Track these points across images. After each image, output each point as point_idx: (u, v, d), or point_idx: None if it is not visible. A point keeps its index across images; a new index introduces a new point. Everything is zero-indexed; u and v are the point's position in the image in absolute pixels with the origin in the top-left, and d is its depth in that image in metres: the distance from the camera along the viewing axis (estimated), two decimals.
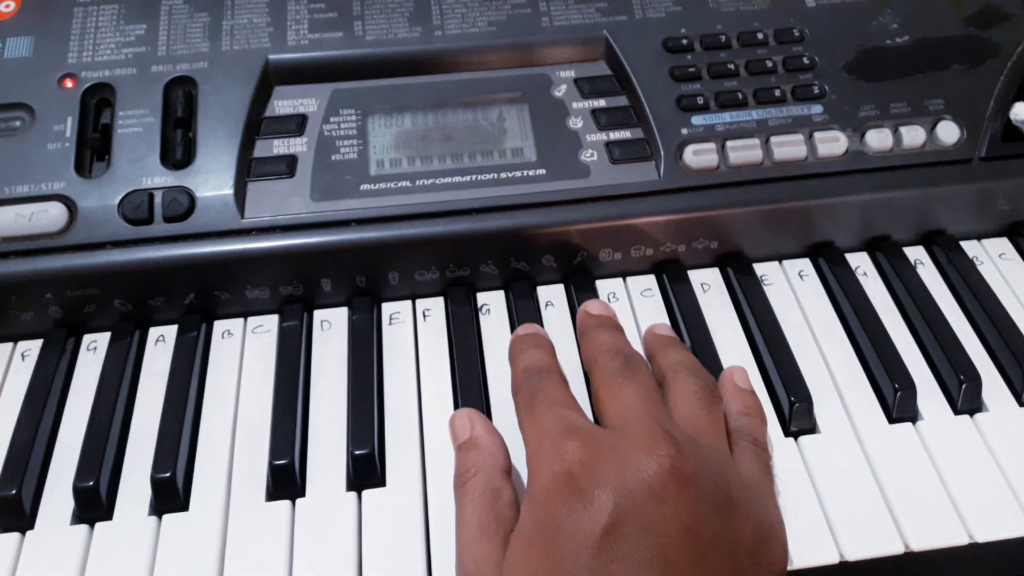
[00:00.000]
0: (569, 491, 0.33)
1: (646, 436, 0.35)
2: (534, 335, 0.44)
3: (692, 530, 0.32)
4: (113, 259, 0.47)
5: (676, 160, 0.50)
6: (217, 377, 0.47)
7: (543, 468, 0.35)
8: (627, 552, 0.32)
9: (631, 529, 0.32)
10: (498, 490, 0.37)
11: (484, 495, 0.37)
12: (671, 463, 0.33)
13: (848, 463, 0.42)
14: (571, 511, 0.33)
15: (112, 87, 0.50)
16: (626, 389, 0.38)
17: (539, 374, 0.40)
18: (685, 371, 0.41)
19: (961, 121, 0.51)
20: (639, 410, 0.37)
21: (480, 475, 0.38)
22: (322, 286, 0.49)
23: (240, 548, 0.40)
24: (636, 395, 0.38)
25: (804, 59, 0.53)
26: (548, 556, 0.33)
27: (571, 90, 0.52)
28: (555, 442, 0.35)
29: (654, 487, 0.33)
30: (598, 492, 0.33)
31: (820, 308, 0.50)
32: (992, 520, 0.40)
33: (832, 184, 0.50)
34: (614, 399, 0.38)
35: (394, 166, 0.49)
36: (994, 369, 0.47)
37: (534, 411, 0.38)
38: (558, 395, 0.39)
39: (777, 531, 0.36)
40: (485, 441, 0.40)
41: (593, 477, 0.34)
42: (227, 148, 0.49)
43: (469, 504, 0.37)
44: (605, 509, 0.33)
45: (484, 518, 0.36)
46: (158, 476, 0.41)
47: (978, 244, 0.53)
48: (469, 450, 0.40)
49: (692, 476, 0.34)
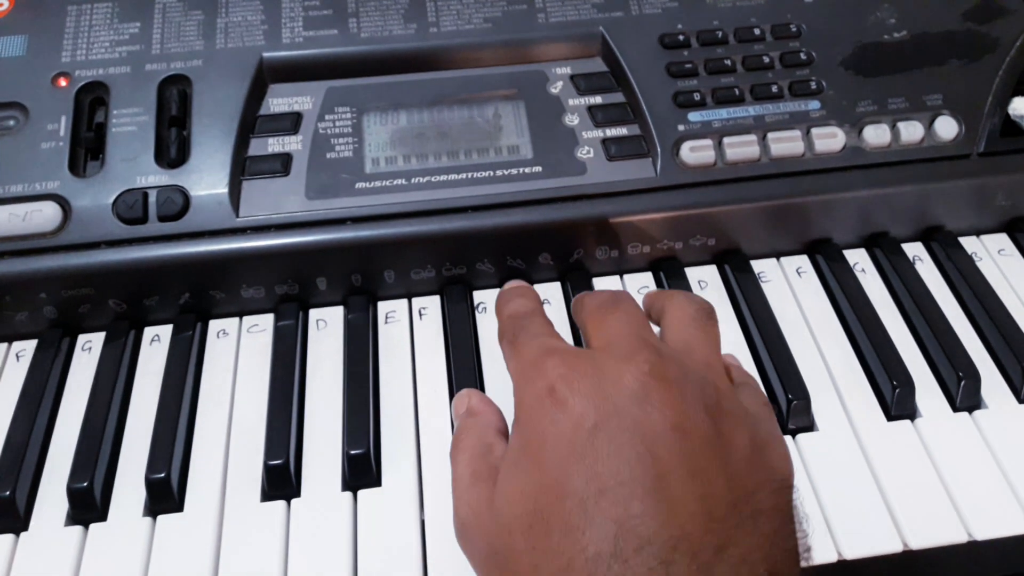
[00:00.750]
0: (551, 403, 0.33)
1: (626, 347, 0.34)
2: (519, 287, 0.44)
3: (679, 428, 0.31)
4: (107, 259, 0.47)
5: (673, 157, 0.49)
6: (212, 377, 0.47)
7: (525, 390, 0.35)
8: (612, 451, 0.31)
9: (615, 429, 0.31)
10: (490, 444, 0.37)
11: (476, 449, 0.37)
12: (650, 367, 0.33)
13: (846, 461, 0.42)
14: (553, 423, 0.33)
15: (106, 86, 0.50)
16: (610, 316, 0.37)
17: (523, 316, 0.40)
18: (680, 297, 0.40)
19: (959, 116, 0.51)
20: (623, 331, 0.36)
21: (473, 432, 0.38)
22: (318, 285, 0.49)
23: (235, 549, 0.40)
24: (620, 319, 0.37)
25: (801, 55, 0.52)
26: (535, 469, 0.32)
27: (567, 87, 0.52)
28: (535, 364, 0.35)
29: (635, 390, 0.32)
30: (579, 399, 0.32)
31: (818, 305, 0.49)
32: (991, 518, 0.40)
33: (830, 180, 0.50)
34: (599, 327, 0.37)
35: (389, 164, 0.49)
36: (993, 366, 0.46)
37: (517, 346, 0.38)
38: (541, 329, 0.38)
39: (776, 442, 0.35)
40: (480, 407, 0.40)
41: (572, 387, 0.33)
42: (221, 146, 0.49)
43: (462, 460, 0.37)
44: (587, 414, 0.32)
45: (476, 467, 0.36)
46: (153, 477, 0.41)
47: (977, 240, 0.53)
48: (466, 418, 0.40)
49: (676, 379, 0.33)
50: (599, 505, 0.30)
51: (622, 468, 0.31)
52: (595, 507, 0.30)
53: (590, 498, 0.30)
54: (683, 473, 0.31)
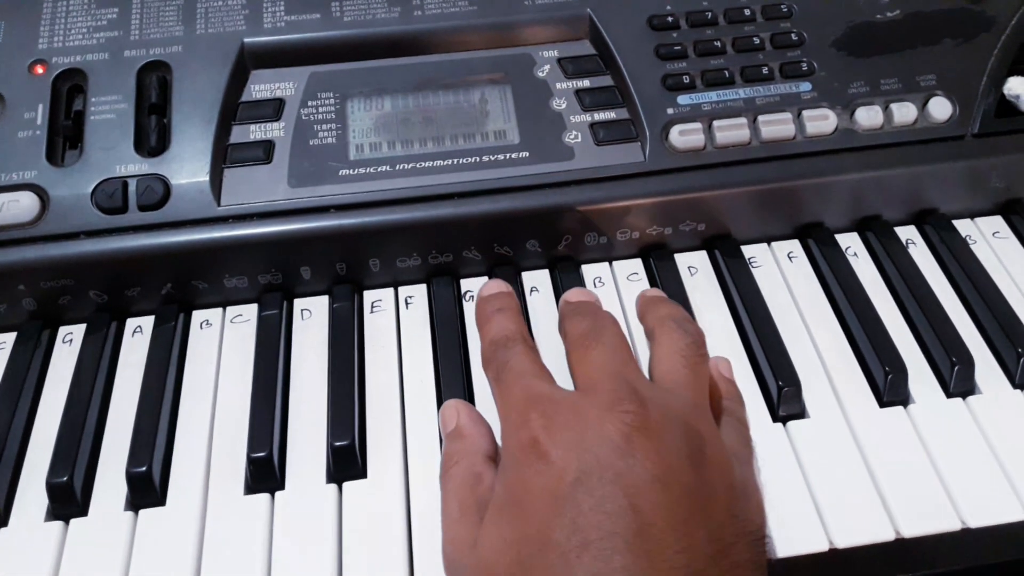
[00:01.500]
0: (535, 456, 0.33)
1: (608, 393, 0.34)
2: (497, 296, 0.44)
3: (661, 480, 0.32)
4: (87, 249, 0.46)
5: (662, 141, 0.49)
6: (195, 368, 0.46)
7: (510, 438, 0.35)
8: (594, 504, 0.31)
9: (596, 483, 0.32)
10: (479, 475, 0.37)
11: (465, 480, 0.37)
12: (632, 417, 0.33)
13: (838, 448, 0.42)
14: (537, 474, 0.33)
15: (84, 73, 0.49)
16: (592, 351, 0.37)
17: (505, 346, 0.40)
18: (673, 324, 0.40)
19: (953, 97, 0.50)
20: (606, 369, 0.36)
21: (462, 462, 0.38)
22: (301, 274, 0.48)
23: (218, 543, 0.39)
24: (603, 355, 0.37)
25: (792, 35, 0.51)
26: (519, 519, 0.33)
27: (554, 70, 0.51)
28: (520, 412, 0.35)
29: (617, 442, 0.32)
30: (561, 452, 0.33)
31: (809, 290, 0.49)
32: (985, 505, 0.39)
33: (821, 163, 0.49)
34: (582, 362, 0.38)
35: (374, 150, 0.48)
36: (988, 350, 0.46)
37: (502, 385, 0.38)
38: (523, 366, 0.39)
39: (753, 489, 0.36)
40: (469, 430, 0.40)
41: (555, 439, 0.33)
42: (202, 134, 0.48)
43: (451, 490, 0.37)
44: (569, 466, 0.32)
45: (464, 501, 0.36)
46: (134, 470, 0.40)
47: (971, 223, 0.52)
48: (454, 440, 0.40)
49: (658, 429, 0.33)
50: (581, 559, 0.30)
51: (604, 521, 0.31)
52: (577, 560, 0.30)
53: (572, 551, 0.31)
54: (664, 526, 0.31)
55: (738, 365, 0.45)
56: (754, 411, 0.43)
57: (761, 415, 0.43)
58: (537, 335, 0.47)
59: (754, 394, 0.44)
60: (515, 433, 0.35)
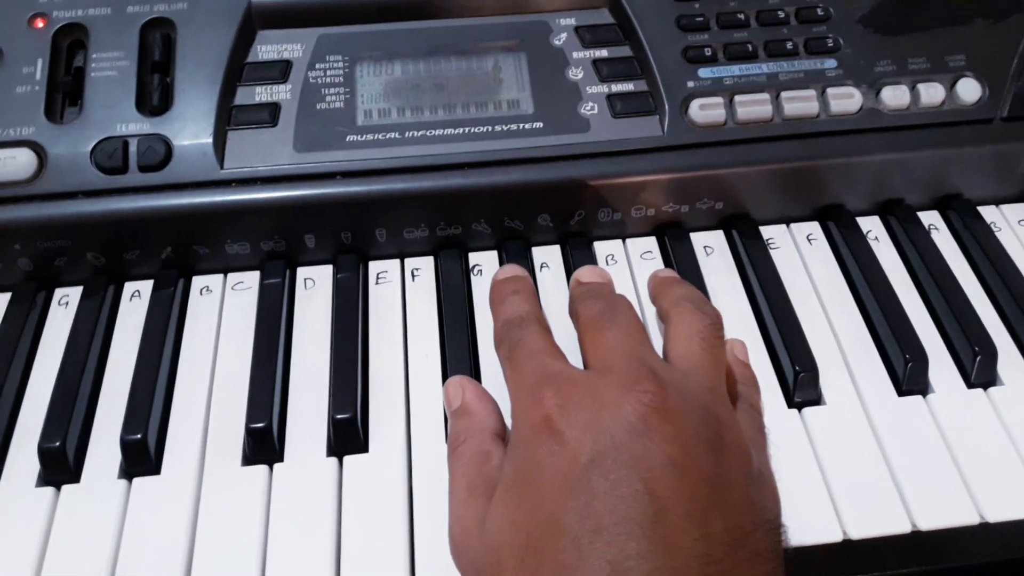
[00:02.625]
0: (548, 435, 0.32)
1: (625, 374, 0.33)
2: (513, 279, 0.43)
3: (678, 464, 0.30)
4: (85, 209, 0.45)
5: (681, 115, 0.47)
6: (194, 335, 0.45)
7: (522, 417, 0.34)
8: (608, 487, 0.30)
9: (612, 465, 0.30)
10: (487, 453, 0.36)
11: (473, 459, 0.36)
12: (651, 398, 0.32)
13: (854, 437, 0.40)
14: (549, 454, 0.32)
15: (85, 28, 0.48)
16: (608, 332, 0.36)
17: (519, 325, 0.39)
18: (689, 305, 0.39)
19: (983, 79, 0.48)
20: (621, 351, 0.35)
21: (470, 440, 0.37)
22: (305, 242, 0.47)
23: (214, 514, 0.38)
24: (617, 336, 0.36)
25: (818, 10, 0.50)
26: (530, 501, 0.32)
27: (571, 39, 0.49)
28: (532, 390, 0.34)
29: (633, 423, 0.31)
30: (576, 432, 0.32)
31: (828, 274, 0.47)
32: (1005, 499, 0.38)
33: (844, 143, 0.47)
34: (596, 343, 0.37)
35: (383, 116, 0.47)
36: (1011, 341, 0.44)
37: (514, 363, 0.37)
38: (537, 344, 0.38)
39: (769, 477, 0.35)
40: (475, 407, 0.39)
41: (570, 419, 0.32)
42: (206, 94, 0.46)
43: (459, 469, 0.36)
44: (584, 447, 0.31)
45: (472, 480, 0.35)
46: (128, 438, 0.39)
47: (996, 210, 0.51)
48: (460, 417, 0.39)
49: (676, 411, 0.32)
50: (594, 544, 0.29)
51: (619, 506, 0.30)
52: (589, 546, 0.29)
53: (585, 536, 0.29)
54: (681, 512, 0.30)
55: (753, 349, 0.43)
56: (769, 396, 0.42)
57: (776, 401, 0.42)
58: (547, 312, 0.45)
59: (769, 379, 0.43)
60: (527, 411, 0.34)
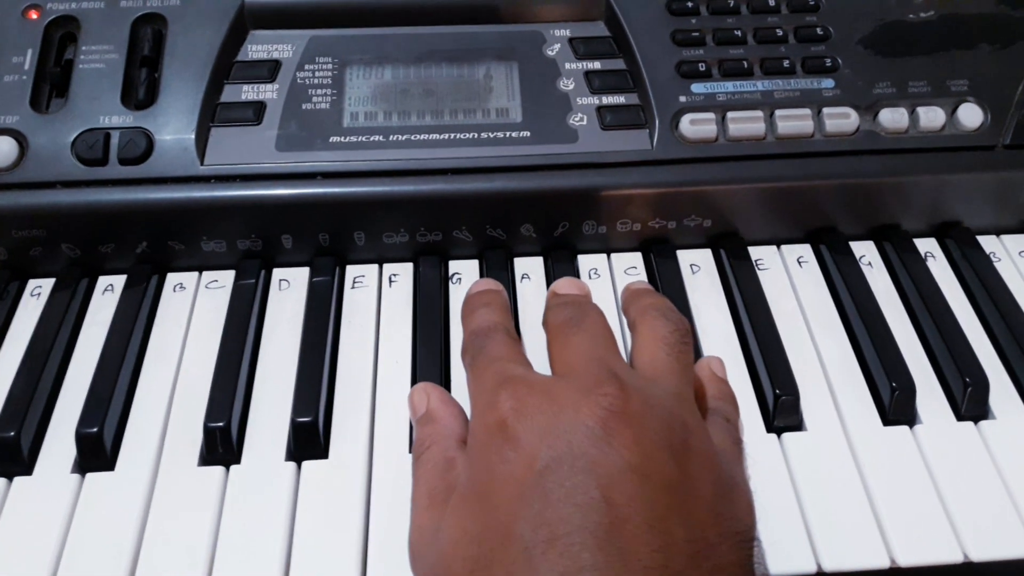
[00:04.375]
0: (502, 440, 0.31)
1: (586, 377, 0.32)
2: (485, 292, 0.42)
3: (638, 470, 0.29)
4: (62, 200, 0.44)
5: (671, 129, 0.46)
6: (163, 332, 0.44)
7: (478, 421, 0.33)
8: (563, 495, 0.28)
9: (567, 472, 0.29)
10: (451, 460, 0.35)
11: (436, 466, 0.35)
12: (611, 401, 0.30)
13: (835, 465, 0.39)
14: (503, 461, 0.30)
15: (78, 20, 0.48)
16: (573, 337, 0.35)
17: (485, 334, 0.38)
18: (655, 312, 0.38)
19: (985, 104, 0.47)
20: (585, 355, 0.34)
21: (433, 447, 0.36)
22: (283, 243, 0.46)
23: (166, 513, 0.37)
24: (583, 341, 0.35)
25: (818, 29, 0.49)
26: (482, 509, 0.30)
27: (565, 50, 0.49)
28: (489, 394, 0.33)
29: (592, 427, 0.30)
30: (531, 437, 0.30)
31: (817, 297, 0.46)
32: (991, 537, 0.36)
33: (839, 164, 0.46)
34: (562, 349, 0.36)
35: (369, 119, 0.46)
36: (1004, 374, 0.43)
37: (475, 368, 0.36)
38: (500, 351, 0.36)
39: (742, 488, 0.33)
40: (440, 413, 0.37)
41: (526, 423, 0.31)
42: (192, 90, 0.46)
43: (421, 476, 0.35)
44: (539, 453, 0.30)
45: (433, 487, 0.34)
46: (83, 431, 0.38)
47: (996, 240, 0.49)
48: (425, 424, 0.37)
49: (638, 415, 0.30)
50: (546, 555, 0.28)
51: (573, 515, 0.28)
52: (541, 557, 0.28)
53: (537, 547, 0.28)
54: (640, 522, 0.28)
55: (735, 371, 0.42)
56: (749, 420, 0.40)
57: (755, 424, 0.40)
58: (525, 324, 0.44)
59: (749, 402, 0.41)
60: (483, 415, 0.33)
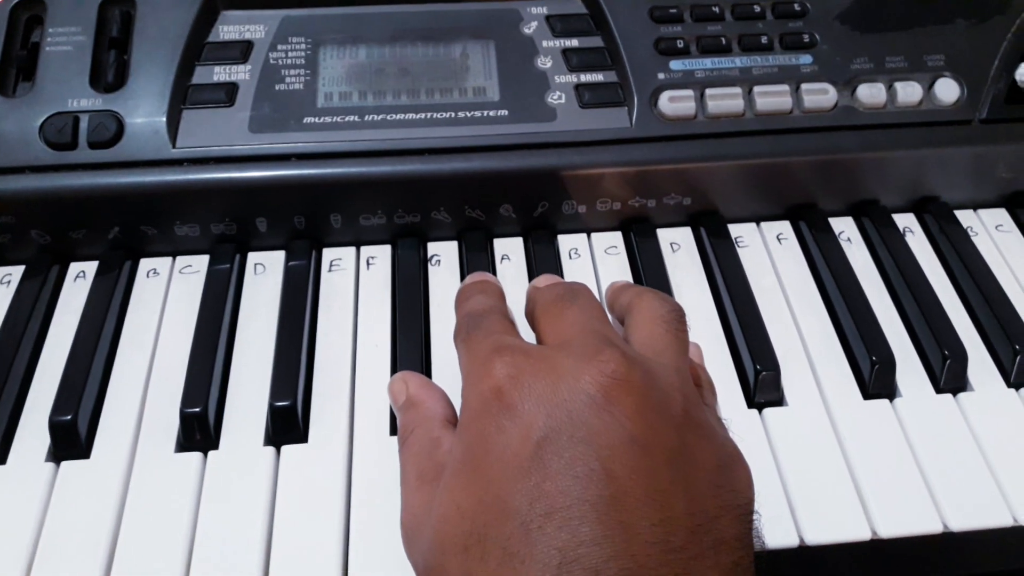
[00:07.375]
0: (497, 408, 0.30)
1: (584, 346, 0.31)
2: (481, 282, 0.41)
3: (640, 442, 0.28)
4: (31, 185, 0.43)
5: (650, 107, 0.46)
6: (137, 318, 0.43)
7: (471, 391, 0.32)
8: (562, 467, 0.28)
9: (567, 442, 0.28)
10: (437, 439, 0.34)
11: (423, 447, 0.34)
12: (613, 368, 0.29)
13: (816, 439, 0.39)
14: (499, 430, 0.29)
15: (43, 2, 0.47)
16: (567, 311, 0.34)
17: (480, 314, 0.36)
18: (651, 295, 0.37)
19: (962, 79, 0.47)
20: (581, 327, 0.33)
21: (418, 430, 0.35)
22: (257, 226, 0.45)
23: (143, 500, 0.37)
24: (577, 315, 0.34)
25: (795, 6, 0.48)
26: (476, 483, 0.29)
27: (542, 28, 0.48)
28: (484, 362, 0.32)
29: (593, 395, 0.29)
30: (528, 405, 0.29)
31: (797, 274, 0.46)
32: (970, 508, 0.37)
33: (818, 140, 0.46)
34: (554, 323, 0.34)
35: (343, 100, 0.46)
36: (982, 347, 0.43)
37: (468, 343, 0.35)
38: (495, 327, 0.35)
39: (741, 461, 0.32)
40: (421, 396, 0.37)
41: (523, 391, 0.30)
42: (163, 72, 0.45)
43: (409, 459, 0.34)
44: (536, 422, 0.29)
45: (422, 468, 0.33)
46: (57, 419, 0.38)
47: (973, 214, 0.50)
48: (407, 409, 0.37)
49: (640, 385, 0.29)
50: (543, 529, 0.27)
51: (572, 486, 0.27)
52: (538, 531, 0.27)
53: (534, 520, 0.27)
54: (641, 495, 0.27)
55: (715, 348, 0.42)
56: (729, 396, 0.40)
57: (736, 400, 0.40)
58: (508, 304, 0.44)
59: (730, 379, 0.41)
60: (477, 384, 0.31)
